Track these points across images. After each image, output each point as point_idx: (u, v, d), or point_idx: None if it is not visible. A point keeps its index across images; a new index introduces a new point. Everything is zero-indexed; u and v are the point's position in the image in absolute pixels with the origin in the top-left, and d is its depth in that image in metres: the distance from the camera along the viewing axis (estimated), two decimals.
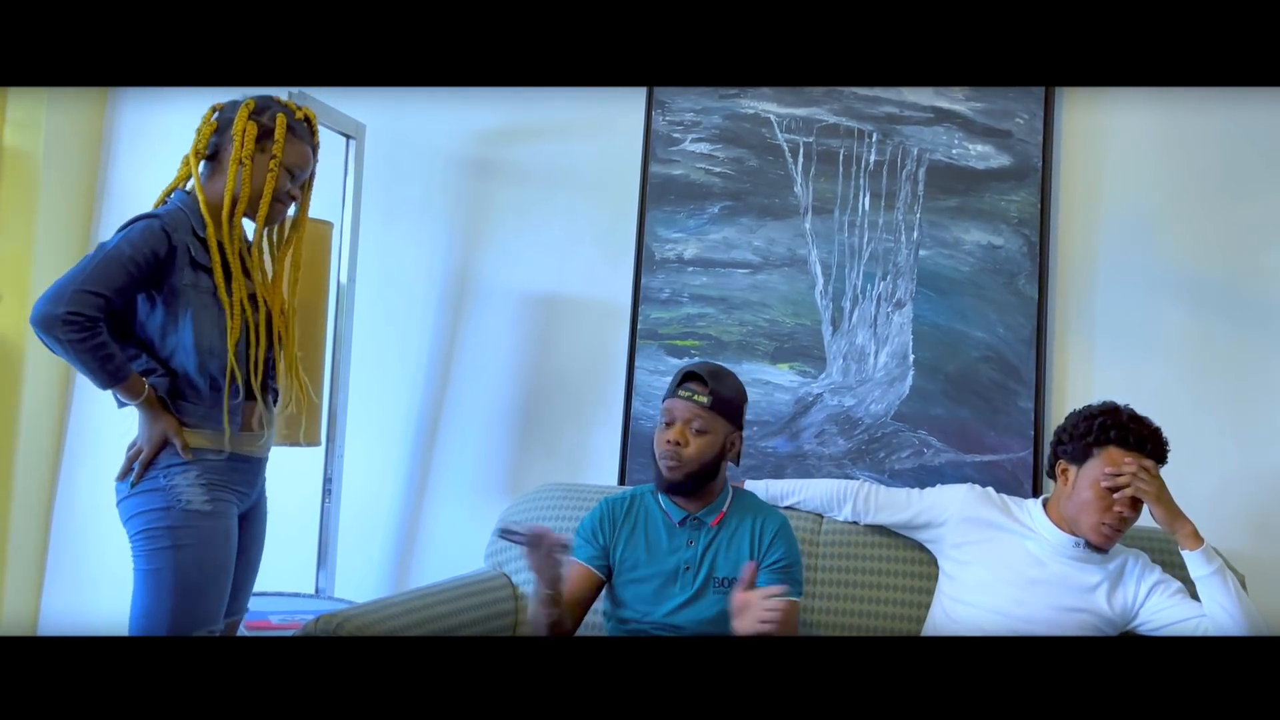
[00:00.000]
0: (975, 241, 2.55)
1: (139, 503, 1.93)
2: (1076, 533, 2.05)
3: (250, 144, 2.00)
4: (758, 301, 2.67)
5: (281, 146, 2.02)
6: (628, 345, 2.76)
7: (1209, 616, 1.94)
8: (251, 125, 2.01)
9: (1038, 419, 2.47)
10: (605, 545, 2.05)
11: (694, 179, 2.74)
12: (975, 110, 2.57)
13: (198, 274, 1.95)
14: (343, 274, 2.79)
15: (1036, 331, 2.49)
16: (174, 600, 1.89)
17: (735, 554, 2.01)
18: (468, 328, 2.93)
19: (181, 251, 1.92)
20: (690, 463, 1.98)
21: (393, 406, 2.96)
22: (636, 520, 2.07)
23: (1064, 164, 2.54)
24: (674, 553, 2.03)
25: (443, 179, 2.98)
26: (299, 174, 2.08)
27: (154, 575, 1.90)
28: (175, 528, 1.91)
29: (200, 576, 1.91)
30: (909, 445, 2.55)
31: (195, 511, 1.92)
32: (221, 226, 1.98)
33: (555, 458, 2.82)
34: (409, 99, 2.99)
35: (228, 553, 1.97)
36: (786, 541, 2.03)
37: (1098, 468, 2.02)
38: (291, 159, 2.04)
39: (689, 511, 2.04)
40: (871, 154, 2.63)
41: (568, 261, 2.86)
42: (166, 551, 1.90)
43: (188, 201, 2.00)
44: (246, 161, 2.00)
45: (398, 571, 2.91)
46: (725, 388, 2.00)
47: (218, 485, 1.97)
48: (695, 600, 2.00)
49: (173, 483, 1.93)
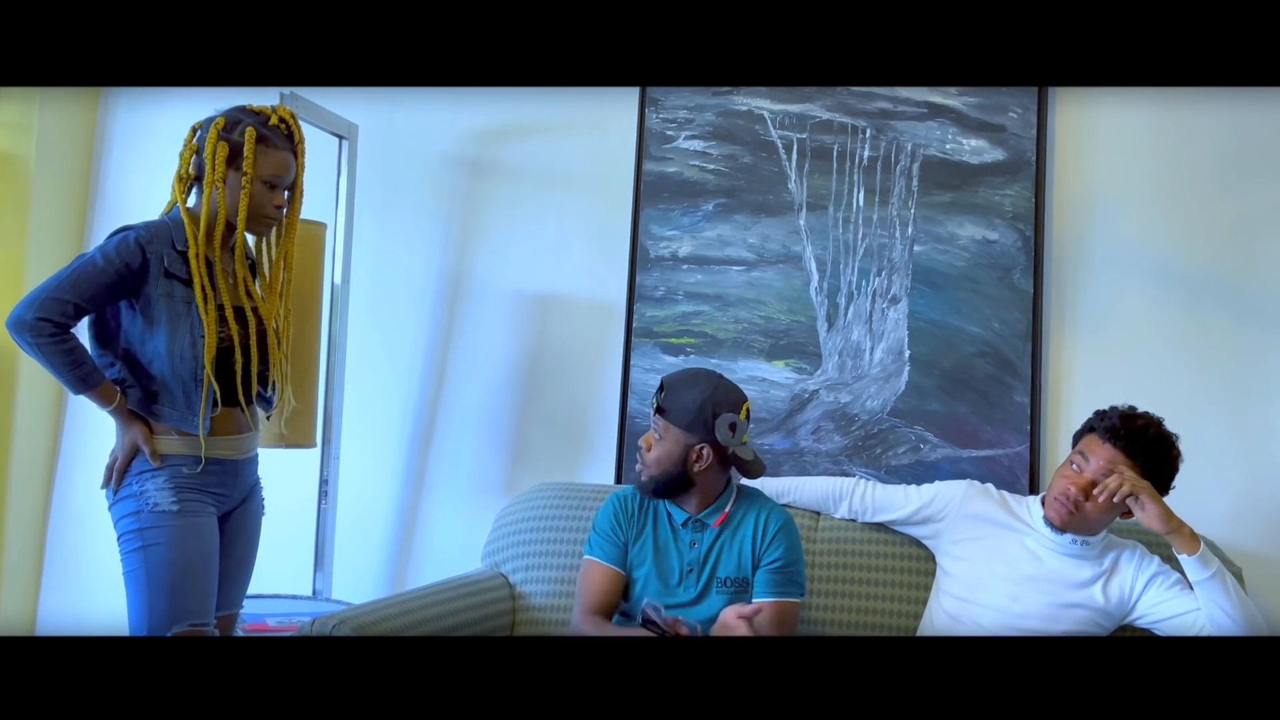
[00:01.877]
0: (970, 236, 2.55)
1: (119, 509, 2.02)
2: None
3: (222, 165, 2.02)
4: (753, 299, 2.67)
5: (252, 162, 2.03)
6: (623, 343, 2.76)
7: (1209, 620, 1.94)
8: (222, 146, 2.02)
9: (1034, 414, 2.47)
10: (625, 542, 2.07)
11: (688, 176, 2.74)
12: (969, 105, 2.57)
13: (171, 283, 2.00)
14: (336, 274, 2.78)
15: (1032, 326, 2.49)
16: (149, 598, 1.96)
17: (737, 553, 2.02)
18: (462, 327, 2.92)
19: (155, 262, 1.98)
20: (649, 468, 2.02)
21: (388, 407, 2.95)
22: (645, 517, 2.08)
23: (1058, 158, 2.54)
24: (679, 554, 2.04)
25: (436, 178, 2.97)
26: (279, 183, 2.09)
27: (131, 576, 1.98)
28: (144, 529, 1.98)
29: (170, 572, 1.96)
30: (905, 441, 2.55)
31: (163, 512, 1.98)
32: (200, 247, 2.02)
33: (551, 457, 2.82)
34: (401, 99, 2.98)
35: (200, 549, 2.01)
36: (787, 540, 2.03)
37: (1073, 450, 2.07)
38: (267, 171, 2.05)
39: (690, 513, 2.04)
40: (865, 150, 2.63)
41: (562, 260, 2.86)
42: (138, 553, 1.97)
43: (174, 215, 2.05)
44: (220, 184, 2.03)
45: (394, 572, 2.91)
46: (678, 396, 1.99)
47: (188, 489, 2.02)
48: (699, 600, 2.01)
49: (144, 488, 2.00)
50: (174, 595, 1.96)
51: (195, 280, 2.01)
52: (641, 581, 2.04)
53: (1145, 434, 2.00)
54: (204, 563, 2.01)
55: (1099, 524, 2.04)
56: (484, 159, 2.94)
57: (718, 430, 1.98)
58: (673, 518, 2.06)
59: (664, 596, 2.01)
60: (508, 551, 2.46)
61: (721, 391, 2.01)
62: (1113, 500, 1.94)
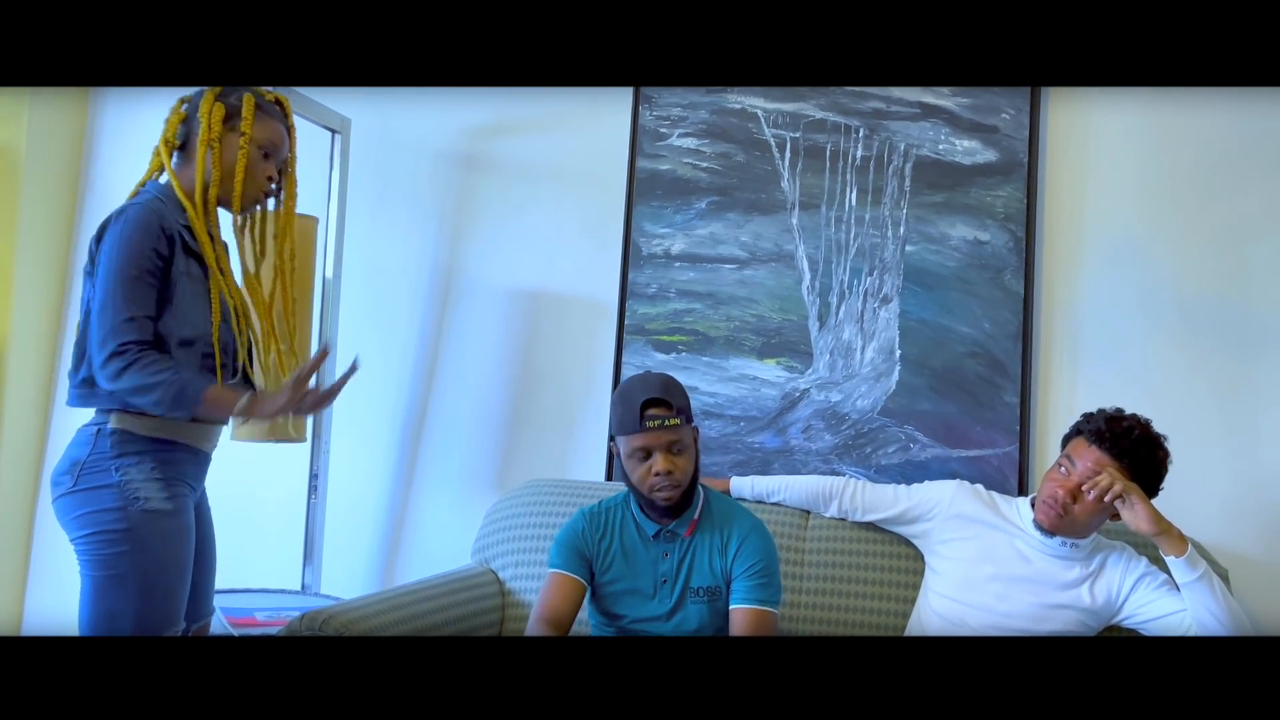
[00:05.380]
0: (961, 237, 2.55)
1: (85, 500, 1.81)
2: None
3: (218, 125, 1.95)
4: (745, 297, 2.67)
5: (250, 123, 1.96)
6: (615, 341, 2.76)
7: (1196, 621, 1.94)
8: (219, 107, 1.95)
9: (1023, 414, 2.48)
10: (587, 556, 2.01)
11: (681, 174, 2.74)
12: (962, 106, 2.57)
13: (189, 261, 1.90)
14: (328, 269, 2.78)
15: (1022, 327, 2.49)
16: (137, 605, 1.80)
17: (708, 561, 1.99)
18: (454, 323, 2.92)
19: (177, 240, 1.88)
20: (684, 482, 1.95)
21: (379, 402, 2.95)
22: (613, 533, 2.03)
23: (1050, 159, 2.55)
24: (652, 565, 2.00)
25: (429, 174, 2.97)
26: (273, 153, 2.01)
27: (115, 580, 1.79)
28: (132, 529, 1.80)
29: (165, 577, 1.83)
30: (895, 440, 2.55)
31: (154, 511, 1.82)
32: (199, 212, 1.93)
33: (542, 453, 2.82)
34: (395, 94, 2.98)
35: (189, 551, 1.89)
36: (756, 545, 1.98)
37: (1061, 453, 2.07)
38: (263, 136, 1.98)
39: (661, 525, 2.00)
40: (858, 149, 2.63)
41: (554, 257, 2.86)
42: (124, 556, 1.79)
43: (164, 190, 1.93)
44: (215, 144, 1.94)
45: (384, 568, 2.91)
46: (678, 395, 1.95)
47: (174, 479, 1.88)
48: (676, 612, 1.99)
49: (126, 478, 1.81)
50: (167, 600, 1.83)
51: (205, 247, 1.92)
52: (618, 595, 2.01)
53: (1130, 435, 2.01)
54: (190, 565, 1.90)
55: (1088, 526, 2.04)
56: (477, 154, 2.94)
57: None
58: (643, 530, 2.01)
59: (641, 609, 2.00)
60: (497, 548, 2.46)
61: None
62: (1102, 498, 1.95)
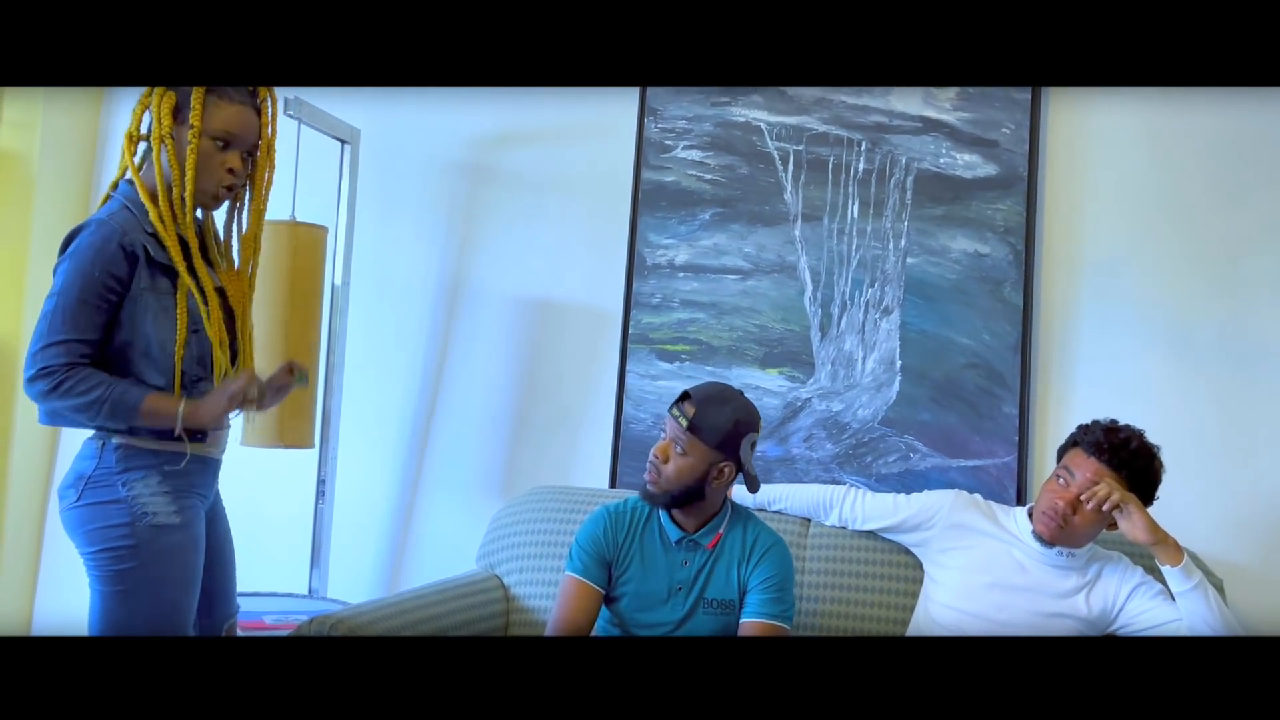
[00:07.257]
0: (962, 249, 2.58)
1: (92, 515, 1.76)
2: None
3: (168, 118, 1.78)
4: (748, 307, 2.70)
5: (199, 114, 1.77)
6: (619, 349, 2.79)
7: (1190, 630, 1.97)
8: (168, 97, 1.78)
9: (1022, 425, 2.50)
10: (608, 560, 2.00)
11: (685, 185, 2.77)
12: (962, 120, 2.60)
13: (155, 277, 1.78)
14: (337, 277, 2.81)
15: (1022, 338, 2.52)
16: (147, 617, 1.76)
17: (725, 574, 2.00)
18: (461, 331, 2.95)
19: (140, 255, 1.76)
20: (666, 482, 1.94)
21: (386, 409, 2.98)
22: (636, 532, 2.02)
23: (1049, 173, 2.57)
24: (669, 571, 2.00)
25: (437, 184, 3.00)
26: (234, 141, 1.82)
27: (122, 595, 1.75)
28: (140, 545, 1.75)
29: (173, 591, 1.78)
30: (895, 450, 2.58)
31: (161, 526, 1.76)
32: (165, 214, 1.79)
33: (547, 460, 2.85)
34: (403, 104, 3.01)
35: (198, 564, 1.84)
36: (774, 560, 1.99)
37: (1058, 464, 2.11)
38: (217, 123, 1.79)
39: (686, 532, 2.00)
40: (860, 162, 2.66)
41: (560, 266, 2.89)
42: (133, 572, 1.74)
43: (130, 194, 1.82)
44: (168, 139, 1.78)
45: (390, 573, 2.94)
46: (711, 413, 1.92)
47: (183, 490, 1.82)
48: (686, 620, 1.99)
49: (133, 492, 1.76)
50: (174, 613, 1.79)
51: (175, 254, 1.78)
52: (629, 597, 2.01)
53: (1128, 446, 2.04)
54: (198, 576, 1.86)
55: (1086, 536, 2.07)
56: (484, 165, 2.97)
57: (742, 449, 1.95)
58: (666, 535, 2.02)
59: (650, 614, 2.00)
60: (502, 554, 2.49)
61: (747, 410, 1.97)
62: (1101, 508, 1.98)
